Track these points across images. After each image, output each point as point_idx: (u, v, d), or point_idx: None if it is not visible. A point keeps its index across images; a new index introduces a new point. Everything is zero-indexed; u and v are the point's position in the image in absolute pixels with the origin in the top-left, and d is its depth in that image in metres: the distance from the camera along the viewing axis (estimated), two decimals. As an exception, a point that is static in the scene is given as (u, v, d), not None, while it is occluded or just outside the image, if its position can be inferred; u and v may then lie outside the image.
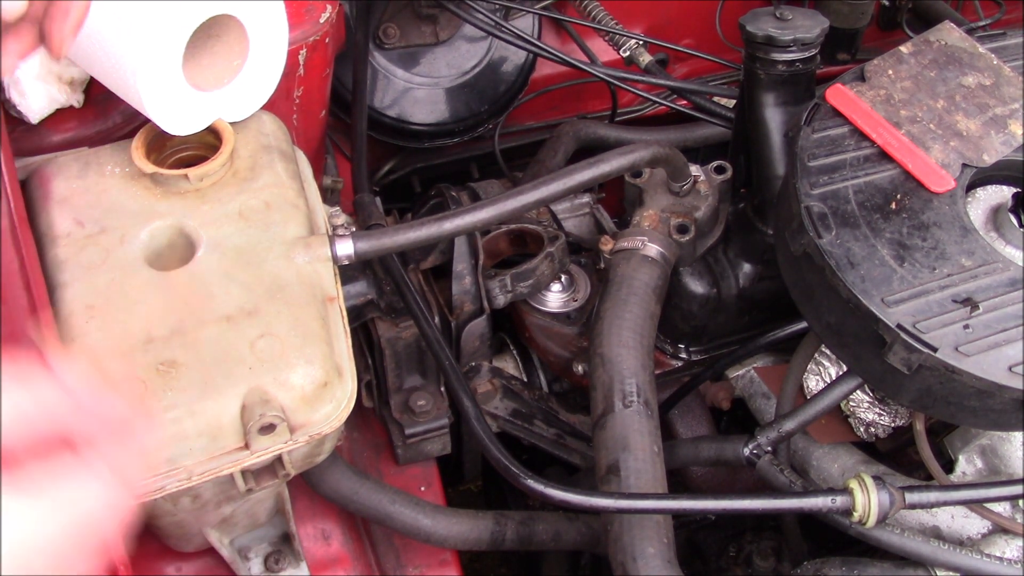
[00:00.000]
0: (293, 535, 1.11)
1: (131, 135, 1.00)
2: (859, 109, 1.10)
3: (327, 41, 1.18)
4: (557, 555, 1.48)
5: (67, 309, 0.90)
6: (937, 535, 1.12)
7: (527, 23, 1.62)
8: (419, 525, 1.12)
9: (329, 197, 1.41)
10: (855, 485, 1.01)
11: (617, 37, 1.52)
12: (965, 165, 1.06)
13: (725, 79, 1.73)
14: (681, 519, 1.36)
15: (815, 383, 1.23)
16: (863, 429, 1.23)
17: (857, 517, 1.00)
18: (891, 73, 1.13)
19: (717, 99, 1.44)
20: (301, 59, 1.14)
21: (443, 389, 1.26)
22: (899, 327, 0.94)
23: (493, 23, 1.45)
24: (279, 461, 0.93)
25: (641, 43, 1.51)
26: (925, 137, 1.07)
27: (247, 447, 0.88)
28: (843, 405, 1.23)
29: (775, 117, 1.21)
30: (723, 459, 1.15)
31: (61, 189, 0.98)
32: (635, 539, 0.97)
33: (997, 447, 1.13)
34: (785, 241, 1.06)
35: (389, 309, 1.23)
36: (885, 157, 1.07)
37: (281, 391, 0.88)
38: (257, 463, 0.90)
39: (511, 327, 1.42)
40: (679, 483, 1.38)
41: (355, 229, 1.21)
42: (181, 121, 0.98)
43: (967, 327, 0.94)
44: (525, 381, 1.39)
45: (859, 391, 1.19)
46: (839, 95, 1.12)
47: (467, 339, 1.26)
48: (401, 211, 1.50)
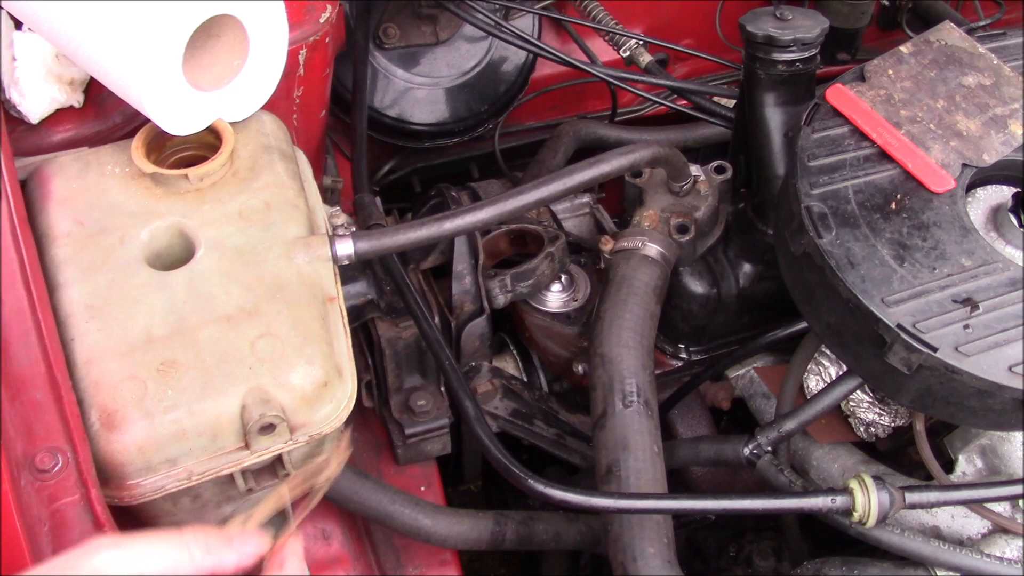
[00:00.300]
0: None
1: (131, 135, 1.00)
2: (859, 109, 1.10)
3: (327, 41, 1.18)
4: (557, 555, 1.48)
5: (67, 309, 0.90)
6: (937, 535, 1.11)
7: (527, 23, 1.62)
8: (419, 525, 1.12)
9: (329, 197, 1.41)
10: (855, 485, 1.01)
11: (617, 37, 1.52)
12: (965, 165, 1.06)
13: (725, 79, 1.73)
14: (681, 519, 1.36)
15: (815, 383, 1.23)
16: (863, 429, 1.23)
17: (857, 517, 1.00)
18: (891, 73, 1.13)
19: (717, 99, 1.44)
20: (301, 59, 1.14)
21: (443, 389, 1.26)
22: (899, 327, 0.94)
23: (493, 23, 1.45)
24: (279, 461, 0.93)
25: (641, 43, 1.51)
26: (925, 137, 1.07)
27: (247, 447, 0.88)
28: (843, 405, 1.23)
29: (775, 117, 1.21)
30: (723, 459, 1.15)
31: (61, 189, 0.98)
32: (635, 539, 0.97)
33: (997, 447, 1.13)
34: (785, 241, 1.06)
35: (389, 309, 1.23)
36: (885, 157, 1.07)
37: (281, 391, 0.88)
38: (257, 463, 0.91)
39: (511, 327, 1.42)
40: (679, 483, 1.38)
41: (355, 229, 1.21)
42: (181, 121, 0.98)
43: (967, 327, 0.94)
44: (525, 381, 1.39)
45: (859, 391, 1.19)
46: (839, 95, 1.12)
47: (467, 339, 1.26)
48: (401, 211, 1.50)
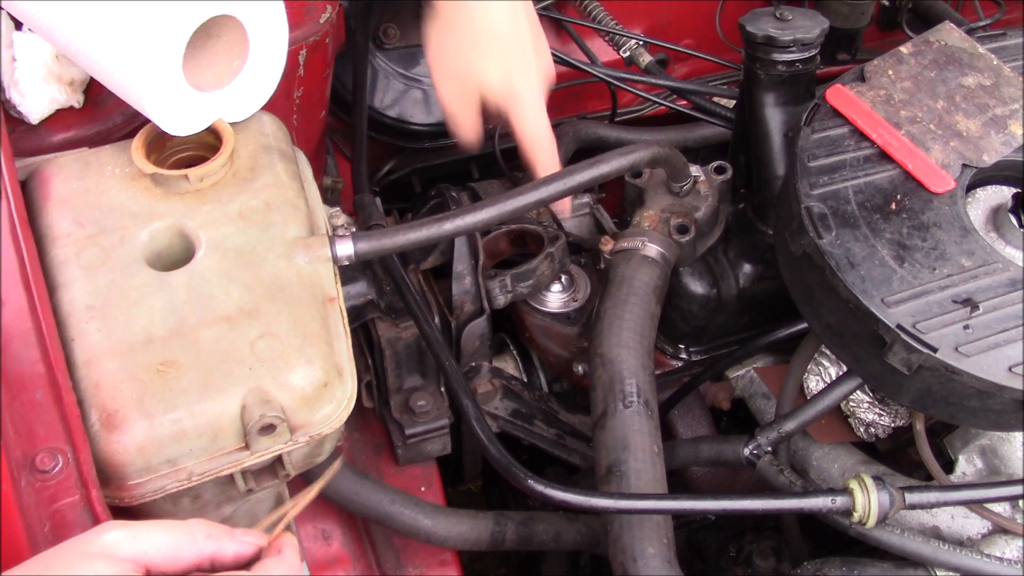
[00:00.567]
0: (294, 535, 1.11)
1: (131, 135, 1.00)
2: (859, 109, 1.10)
3: (327, 41, 1.18)
4: (557, 555, 1.48)
5: (67, 309, 0.90)
6: (937, 535, 1.11)
7: (527, 23, 1.62)
8: (419, 525, 1.12)
9: (329, 197, 1.41)
10: (855, 485, 1.01)
11: (617, 37, 1.52)
12: (965, 165, 1.06)
13: (725, 79, 1.73)
14: (681, 519, 1.36)
15: (815, 383, 1.23)
16: (863, 429, 1.23)
17: (857, 517, 1.00)
18: (891, 73, 1.13)
19: (717, 99, 1.44)
20: (301, 59, 1.14)
21: (443, 389, 1.26)
22: (899, 327, 0.94)
23: (493, 23, 1.45)
24: (279, 461, 0.93)
25: (641, 43, 1.51)
26: (925, 137, 1.07)
27: (247, 447, 0.88)
28: (843, 405, 1.23)
29: (775, 117, 1.21)
30: (723, 459, 1.15)
31: (61, 189, 0.98)
32: (635, 539, 0.97)
33: (997, 447, 1.13)
34: (785, 241, 1.06)
35: (389, 309, 1.23)
36: (885, 157, 1.07)
37: (281, 391, 0.88)
38: (257, 463, 0.90)
39: (511, 327, 1.42)
40: (679, 483, 1.38)
41: (355, 229, 1.21)
42: (181, 121, 0.98)
43: (967, 327, 0.94)
44: (525, 381, 1.39)
45: (859, 391, 1.19)
46: (839, 95, 1.12)
47: (467, 339, 1.26)
48: (401, 211, 1.50)
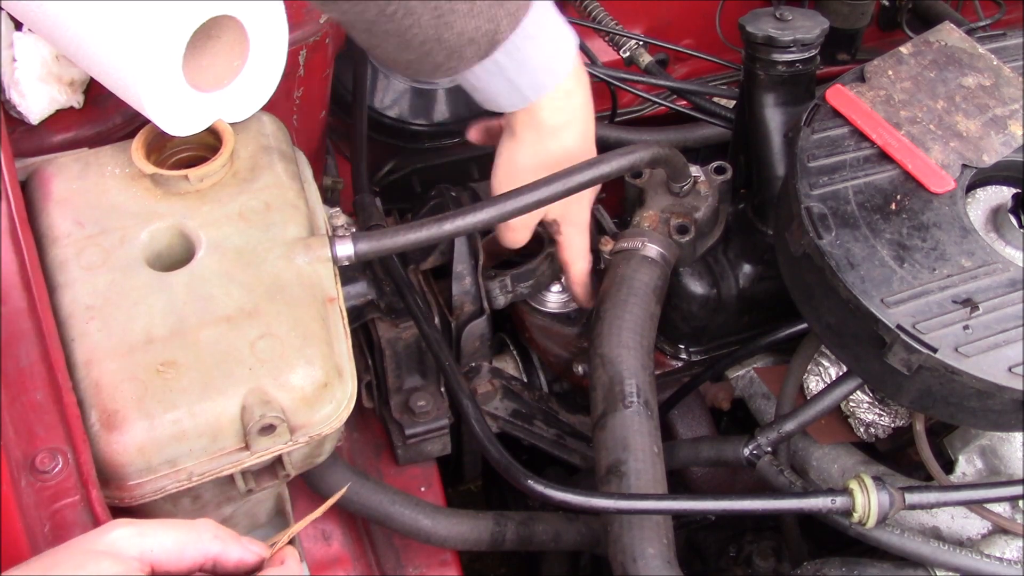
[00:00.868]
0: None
1: (131, 135, 1.00)
2: (859, 110, 1.10)
3: (327, 41, 1.18)
4: (557, 555, 1.48)
5: (67, 309, 0.90)
6: (937, 535, 1.11)
7: (527, 23, 1.62)
8: (419, 525, 1.12)
9: (329, 197, 1.41)
10: (855, 485, 1.01)
11: (617, 37, 1.52)
12: (965, 166, 1.06)
13: (725, 79, 1.73)
14: (681, 519, 1.36)
15: (815, 383, 1.23)
16: (863, 429, 1.23)
17: (857, 518, 1.00)
18: (891, 73, 1.13)
19: (717, 99, 1.44)
20: (301, 59, 1.14)
21: (443, 389, 1.26)
22: (899, 328, 0.94)
23: (493, 23, 1.45)
24: (279, 462, 0.93)
25: (641, 43, 1.51)
26: (925, 138, 1.07)
27: (247, 448, 0.88)
28: (843, 405, 1.23)
29: (775, 117, 1.21)
30: (723, 459, 1.15)
31: (61, 190, 0.98)
32: (635, 539, 0.97)
33: (997, 447, 1.13)
34: (785, 242, 1.07)
35: (389, 309, 1.23)
36: (885, 158, 1.07)
37: (281, 392, 0.88)
38: (257, 464, 0.90)
39: (511, 327, 1.42)
40: (679, 483, 1.38)
41: (355, 230, 1.21)
42: (181, 122, 0.98)
43: (967, 328, 0.94)
44: (525, 381, 1.39)
45: (859, 391, 1.19)
46: (839, 95, 1.12)
47: (467, 339, 1.26)
48: (401, 211, 1.50)
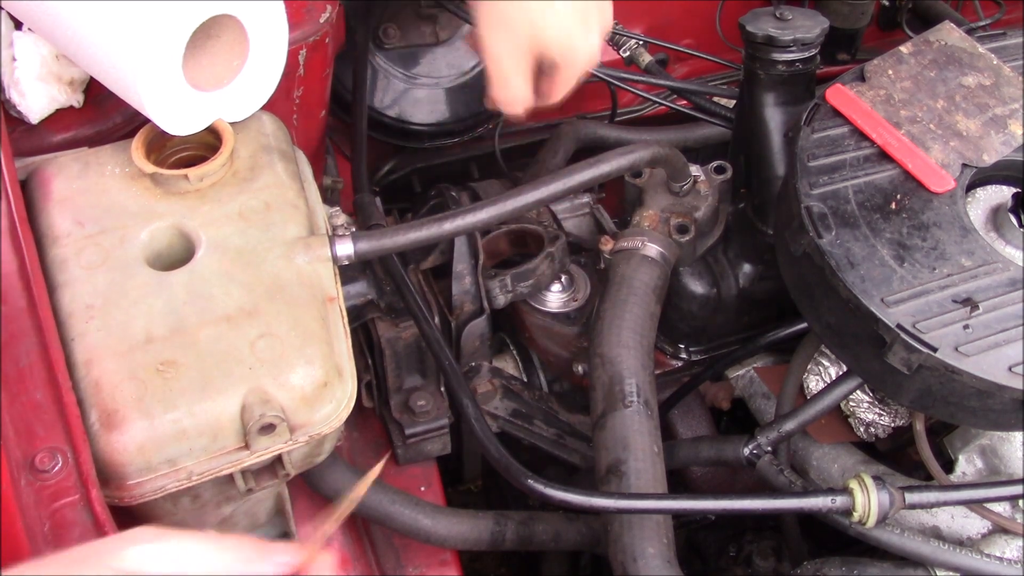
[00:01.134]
0: (293, 535, 1.11)
1: (131, 135, 1.00)
2: (859, 109, 1.10)
3: (327, 41, 1.18)
4: (557, 555, 1.48)
5: (67, 309, 0.90)
6: (937, 535, 1.11)
7: (527, 23, 1.62)
8: (419, 525, 1.12)
9: (329, 197, 1.41)
10: (855, 485, 1.00)
11: (617, 37, 1.52)
12: (965, 165, 1.06)
13: (725, 79, 1.73)
14: (681, 519, 1.36)
15: (815, 383, 1.23)
16: (863, 429, 1.23)
17: (857, 517, 1.00)
18: (891, 73, 1.13)
19: (717, 99, 1.44)
20: (301, 59, 1.14)
21: (443, 389, 1.26)
22: (899, 327, 0.94)
23: (493, 23, 1.45)
24: (279, 461, 0.93)
25: (641, 43, 1.50)
26: (925, 137, 1.07)
27: (247, 447, 0.88)
28: (843, 405, 1.23)
29: (775, 117, 1.21)
30: (723, 459, 1.15)
31: (61, 189, 0.98)
32: (635, 539, 0.97)
33: (997, 447, 1.13)
34: (785, 241, 1.06)
35: (389, 309, 1.23)
36: (885, 157, 1.07)
37: (281, 391, 0.88)
38: (257, 463, 0.90)
39: (511, 327, 1.42)
40: (679, 483, 1.38)
41: (355, 229, 1.21)
42: (181, 121, 0.98)
43: (967, 327, 0.94)
44: (525, 381, 1.39)
45: (859, 391, 1.19)
46: (839, 95, 1.12)
47: (467, 339, 1.26)
48: (401, 211, 1.50)
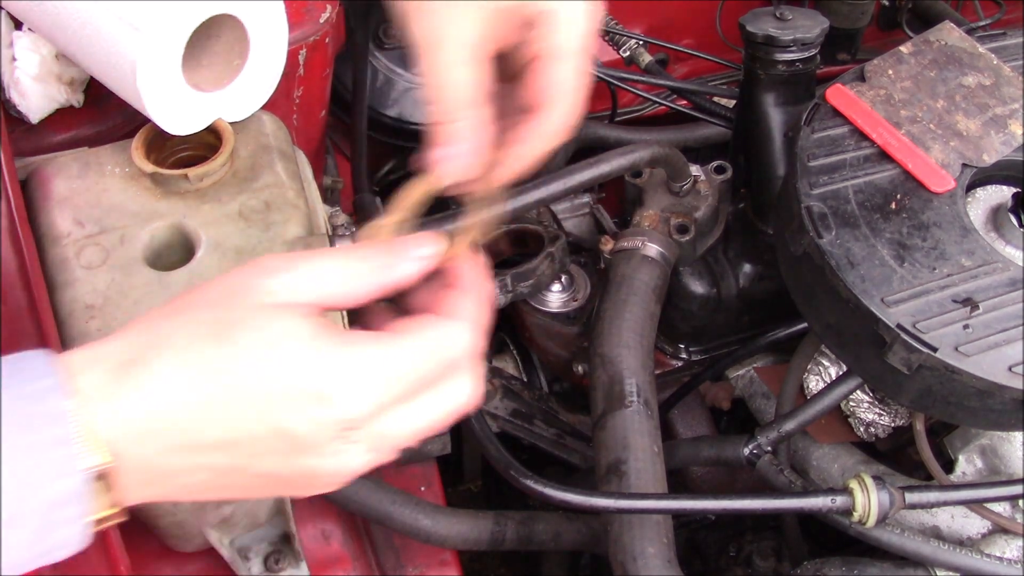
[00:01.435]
0: (293, 535, 1.11)
1: (131, 135, 1.00)
2: (859, 109, 1.10)
3: (327, 41, 1.18)
4: (557, 555, 1.48)
5: (67, 309, 0.90)
6: (937, 535, 1.11)
7: (527, 23, 1.62)
8: (419, 525, 1.12)
9: (329, 197, 1.41)
10: (855, 485, 1.00)
11: (617, 37, 1.52)
12: (965, 165, 1.06)
13: (725, 79, 1.73)
14: (681, 519, 1.36)
15: (815, 383, 1.23)
16: (863, 429, 1.23)
17: (857, 517, 1.00)
18: (891, 73, 1.13)
19: (717, 99, 1.44)
20: (301, 59, 1.14)
21: (443, 389, 1.26)
22: (899, 327, 0.94)
23: (493, 23, 1.45)
24: (279, 461, 0.93)
25: (641, 43, 1.51)
26: (925, 137, 1.07)
27: (247, 447, 0.88)
28: (843, 405, 1.23)
29: (775, 117, 1.21)
30: (723, 459, 1.15)
31: (61, 189, 0.98)
32: (635, 539, 0.97)
33: (997, 447, 1.13)
34: (785, 241, 1.06)
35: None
36: (885, 157, 1.07)
37: (281, 391, 0.87)
38: (257, 463, 0.90)
39: (511, 327, 1.42)
40: (679, 483, 1.38)
41: (355, 229, 1.21)
42: (181, 121, 0.98)
43: (967, 327, 0.94)
44: (525, 381, 1.39)
45: (859, 391, 1.19)
46: (839, 95, 1.12)
47: (467, 339, 1.26)
48: (401, 211, 1.49)
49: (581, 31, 0.69)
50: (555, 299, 1.38)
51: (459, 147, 0.68)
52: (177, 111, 0.97)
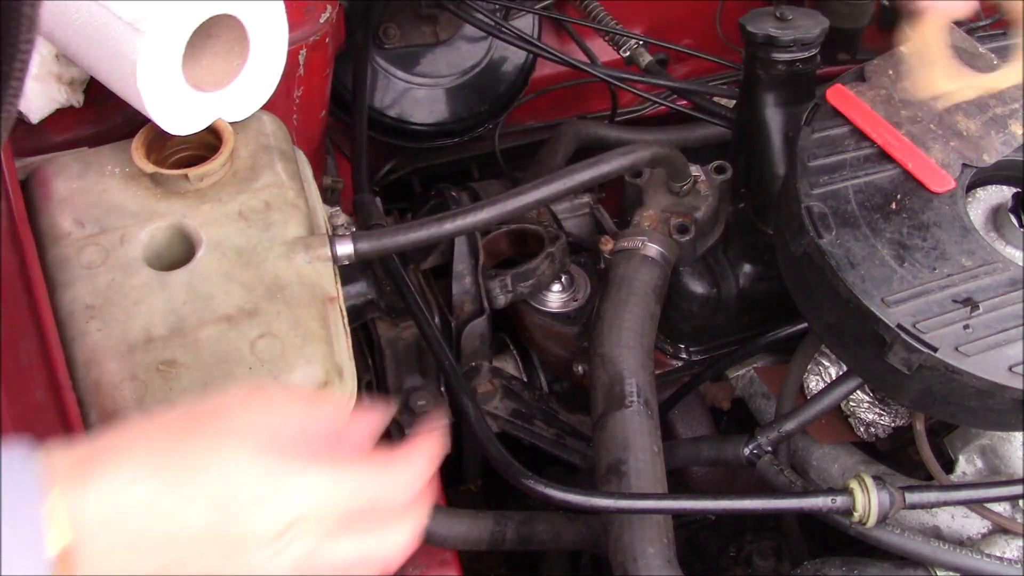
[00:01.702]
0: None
1: (131, 135, 1.00)
2: (859, 109, 1.10)
3: (327, 41, 1.18)
4: (557, 555, 1.47)
5: (67, 309, 0.90)
6: (937, 535, 1.11)
7: (527, 23, 1.62)
8: (419, 525, 1.12)
9: (329, 197, 1.41)
10: (855, 485, 1.00)
11: (617, 37, 1.52)
12: (965, 165, 1.06)
13: (725, 79, 1.73)
14: (681, 519, 1.36)
15: (815, 383, 1.23)
16: (863, 429, 1.23)
17: (857, 517, 1.00)
18: (891, 73, 1.13)
19: (717, 99, 1.44)
20: (301, 59, 1.14)
21: (443, 389, 1.26)
22: (899, 327, 0.94)
23: (493, 23, 1.45)
24: (279, 461, 0.93)
25: (641, 43, 1.51)
26: (925, 137, 1.07)
27: (247, 447, 0.88)
28: (843, 405, 1.23)
29: (775, 117, 1.21)
30: (723, 459, 1.15)
31: (61, 189, 0.98)
32: (635, 539, 0.97)
33: (997, 447, 1.13)
34: (785, 241, 1.06)
35: (389, 309, 1.23)
36: (885, 157, 1.07)
37: (281, 391, 0.87)
38: (257, 463, 0.90)
39: (511, 327, 1.42)
40: (679, 483, 1.38)
41: (355, 229, 1.21)
42: (181, 121, 0.98)
43: (967, 327, 0.94)
44: (525, 381, 1.39)
45: (859, 391, 1.19)
46: (839, 95, 1.12)
47: (467, 339, 1.26)
48: (401, 211, 1.50)
49: None
50: (555, 299, 1.38)
51: None
52: (177, 111, 0.97)
